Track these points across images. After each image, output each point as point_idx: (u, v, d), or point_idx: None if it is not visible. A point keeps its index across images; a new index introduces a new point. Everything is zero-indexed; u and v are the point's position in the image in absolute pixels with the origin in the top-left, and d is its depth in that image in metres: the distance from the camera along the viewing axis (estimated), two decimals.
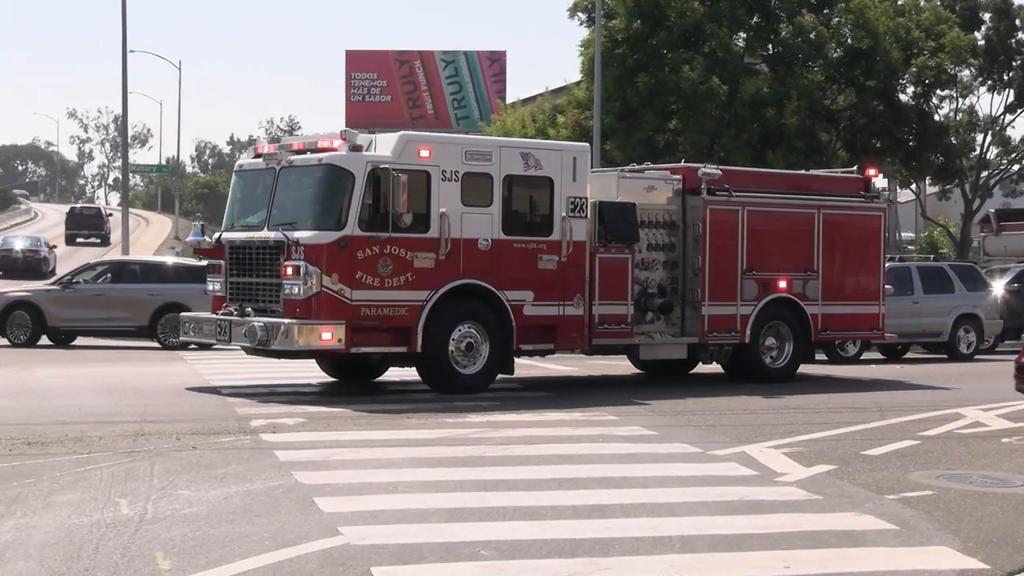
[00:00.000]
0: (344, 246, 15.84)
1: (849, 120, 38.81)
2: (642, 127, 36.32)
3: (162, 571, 7.71)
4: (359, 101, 53.96)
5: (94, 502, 9.82)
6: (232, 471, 11.37)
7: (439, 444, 13.57)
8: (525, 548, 8.35)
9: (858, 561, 8.27)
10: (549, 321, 17.56)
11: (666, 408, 17.39)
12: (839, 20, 38.10)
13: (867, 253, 21.20)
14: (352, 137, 16.15)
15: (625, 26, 36.49)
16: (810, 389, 20.49)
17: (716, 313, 19.26)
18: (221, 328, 16.80)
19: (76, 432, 13.57)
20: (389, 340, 16.43)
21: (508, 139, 18.38)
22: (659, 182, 19.58)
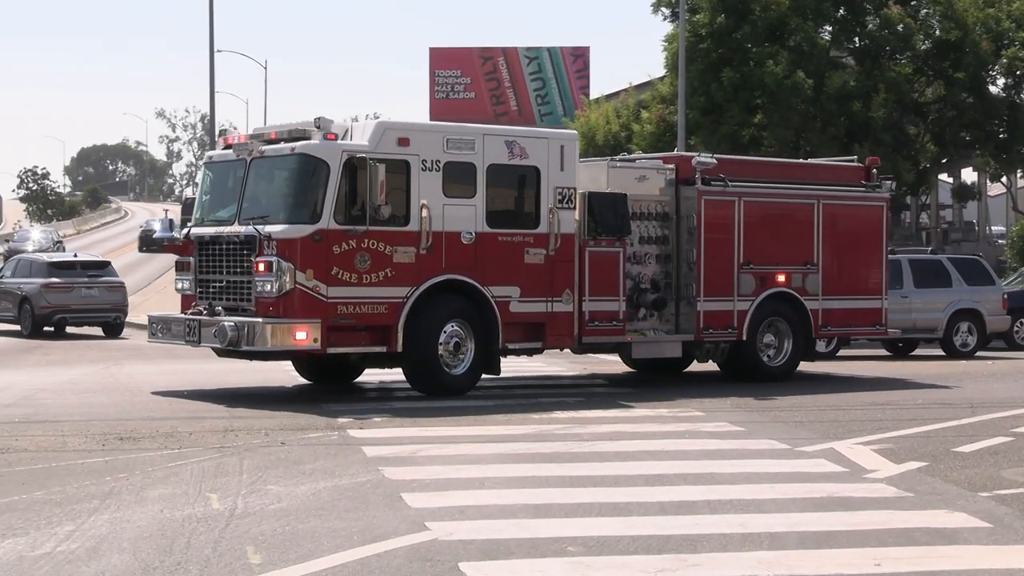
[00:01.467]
0: (319, 240, 15.13)
1: (937, 113, 37.42)
2: (727, 122, 35.70)
3: (253, 565, 7.74)
4: (443, 98, 53.52)
5: (185, 497, 9.95)
6: (320, 466, 11.46)
7: (525, 440, 13.47)
8: (612, 544, 8.27)
9: (950, 559, 8.05)
10: (537, 318, 16.87)
11: (753, 404, 17.15)
12: (927, 12, 37.12)
13: (869, 245, 20.49)
14: (327, 126, 15.47)
15: (709, 20, 35.83)
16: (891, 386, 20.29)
17: (712, 309, 18.56)
18: (190, 328, 16.01)
19: (167, 428, 13.72)
20: (368, 339, 15.74)
21: (491, 126, 17.00)
22: (651, 172, 18.77)
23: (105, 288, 31.93)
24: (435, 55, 56.94)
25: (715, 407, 16.46)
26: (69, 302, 32.36)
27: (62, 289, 32.35)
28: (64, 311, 32.17)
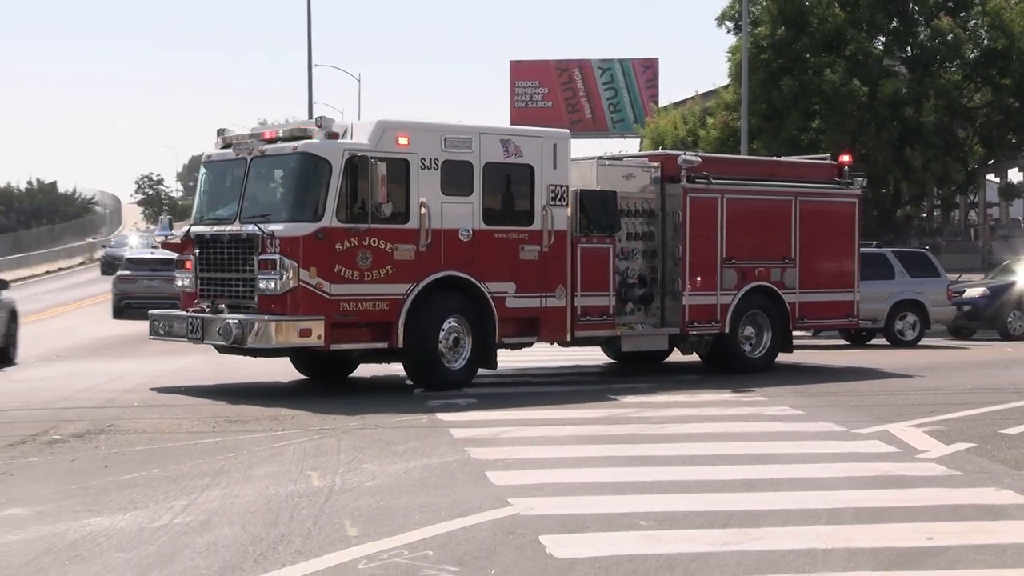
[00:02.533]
0: (322, 238, 14.84)
1: (985, 117, 38.50)
2: (786, 127, 36.63)
3: (350, 537, 8.05)
4: (522, 107, 55.07)
5: (288, 474, 10.36)
6: (411, 447, 11.78)
7: (600, 423, 13.77)
8: (680, 519, 8.57)
9: (999, 534, 8.27)
10: (531, 313, 16.67)
11: (811, 390, 17.47)
12: (975, 22, 38.06)
13: (842, 241, 20.54)
14: (328, 125, 15.27)
15: (770, 33, 37.30)
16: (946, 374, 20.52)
17: (697, 303, 18.49)
18: (192, 326, 15.63)
19: (271, 412, 14.18)
20: (369, 336, 15.48)
21: (487, 125, 16.96)
22: (637, 170, 18.66)
23: (164, 280, 32.82)
24: (515, 67, 58.37)
25: (776, 392, 16.79)
26: (133, 290, 35.99)
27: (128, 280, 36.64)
28: (128, 297, 35.57)
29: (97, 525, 8.37)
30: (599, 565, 7.22)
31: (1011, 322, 28.72)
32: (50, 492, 9.59)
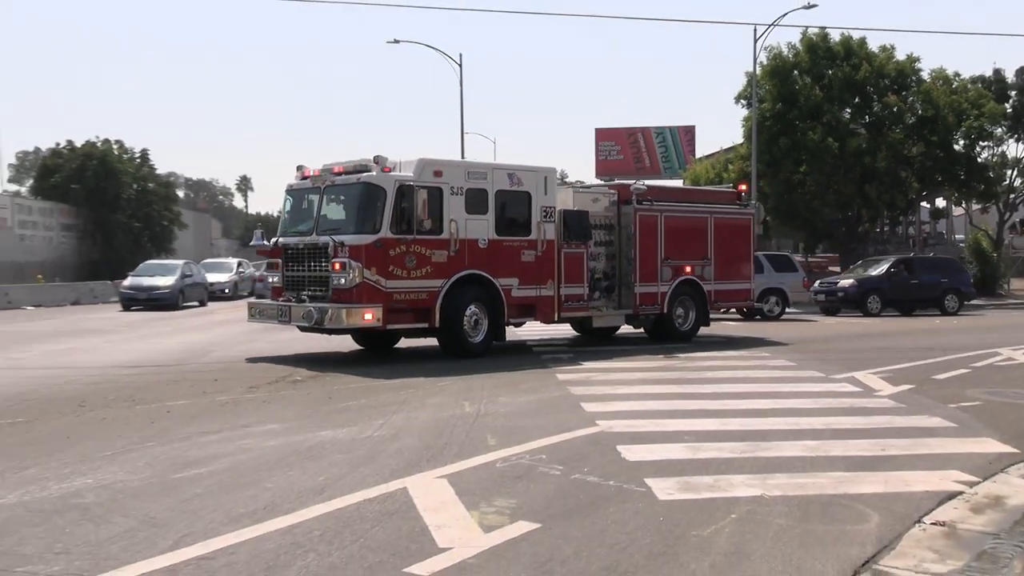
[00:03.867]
0: (379, 246, 15.10)
1: (920, 163, 43.73)
2: (783, 171, 41.88)
3: (490, 445, 8.97)
4: (603, 159, 62.54)
5: (449, 404, 11.39)
6: (531, 386, 12.90)
7: (657, 371, 15.05)
8: (712, 436, 9.38)
9: (931, 446, 9.08)
10: (530, 301, 17.25)
11: (803, 349, 18.78)
12: (912, 98, 43.76)
13: (742, 246, 21.58)
14: (383, 161, 15.65)
15: (771, 107, 42.58)
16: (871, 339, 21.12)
17: (644, 291, 19.38)
18: (281, 311, 16.10)
19: (431, 366, 15.48)
20: (414, 318, 15.74)
21: (498, 163, 17.97)
22: (600, 195, 19.52)
23: None
24: (599, 132, 64.04)
25: (778, 351, 18.22)
26: None
27: None
28: None
29: (324, 436, 9.64)
30: (656, 465, 8.12)
31: (870, 304, 31.79)
32: (293, 414, 11.10)
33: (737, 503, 6.83)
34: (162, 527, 6.24)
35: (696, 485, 7.31)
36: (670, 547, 5.84)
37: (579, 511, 6.62)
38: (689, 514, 6.53)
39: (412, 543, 5.87)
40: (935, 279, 32.60)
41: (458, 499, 6.85)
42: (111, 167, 60.69)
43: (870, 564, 5.58)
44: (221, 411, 10.98)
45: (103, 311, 34.27)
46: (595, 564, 5.53)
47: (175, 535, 6.05)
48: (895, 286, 32.06)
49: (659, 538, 6.02)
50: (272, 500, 6.89)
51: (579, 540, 5.96)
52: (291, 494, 7.05)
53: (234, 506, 6.74)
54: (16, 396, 12.24)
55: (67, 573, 5.38)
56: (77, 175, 60.11)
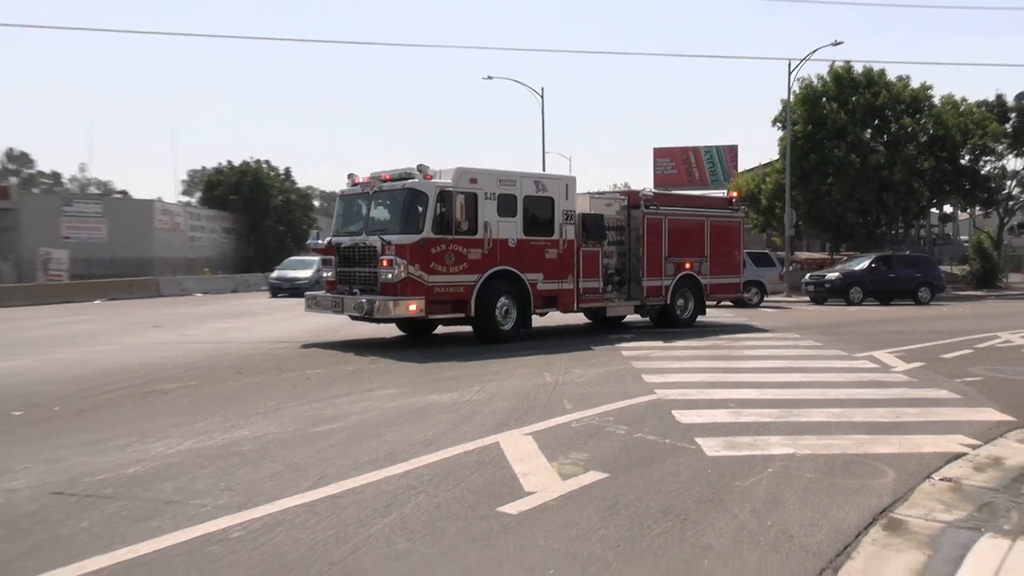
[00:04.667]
0: (422, 245, 14.21)
1: (931, 175, 42.13)
2: (812, 183, 40.90)
3: (567, 408, 9.00)
4: (660, 174, 62.15)
5: (533, 375, 11.44)
6: (600, 360, 12.90)
7: (706, 348, 14.94)
8: (751, 403, 9.33)
9: (940, 414, 8.93)
10: (552, 293, 16.29)
11: (828, 330, 18.28)
12: (925, 120, 42.08)
13: (732, 246, 20.69)
14: (425, 169, 14.68)
15: (802, 129, 41.38)
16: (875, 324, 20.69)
17: (651, 285, 18.48)
18: (335, 303, 15.16)
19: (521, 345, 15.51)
20: (452, 309, 14.83)
21: (526, 171, 16.30)
22: (613, 200, 18.55)
23: None
24: (657, 151, 64.64)
25: (807, 333, 17.67)
26: None
27: None
28: None
29: (432, 399, 9.80)
30: (705, 427, 8.10)
31: (852, 294, 30.80)
32: (407, 381, 11.51)
33: (773, 460, 6.72)
34: (303, 471, 6.37)
35: (738, 444, 7.22)
36: (716, 495, 5.79)
37: (640, 464, 6.58)
38: (732, 468, 6.47)
39: (503, 487, 5.92)
40: (910, 273, 31.42)
41: (540, 452, 6.86)
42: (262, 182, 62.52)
43: (887, 512, 5.47)
44: (349, 378, 11.14)
45: (255, 297, 34.82)
46: (654, 507, 5.51)
47: (313, 477, 6.17)
48: (875, 279, 30.94)
49: (707, 487, 5.97)
50: (390, 450, 6.98)
51: (640, 487, 5.94)
52: (405, 446, 7.14)
53: (360, 455, 6.85)
54: (189, 365, 12.58)
55: (229, 505, 5.53)
56: (235, 188, 61.98)
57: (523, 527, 5.14)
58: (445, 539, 4.96)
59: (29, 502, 5.64)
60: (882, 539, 5.01)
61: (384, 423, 8.10)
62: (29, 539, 4.96)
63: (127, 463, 6.63)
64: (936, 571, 4.57)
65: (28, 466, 6.56)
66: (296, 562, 4.60)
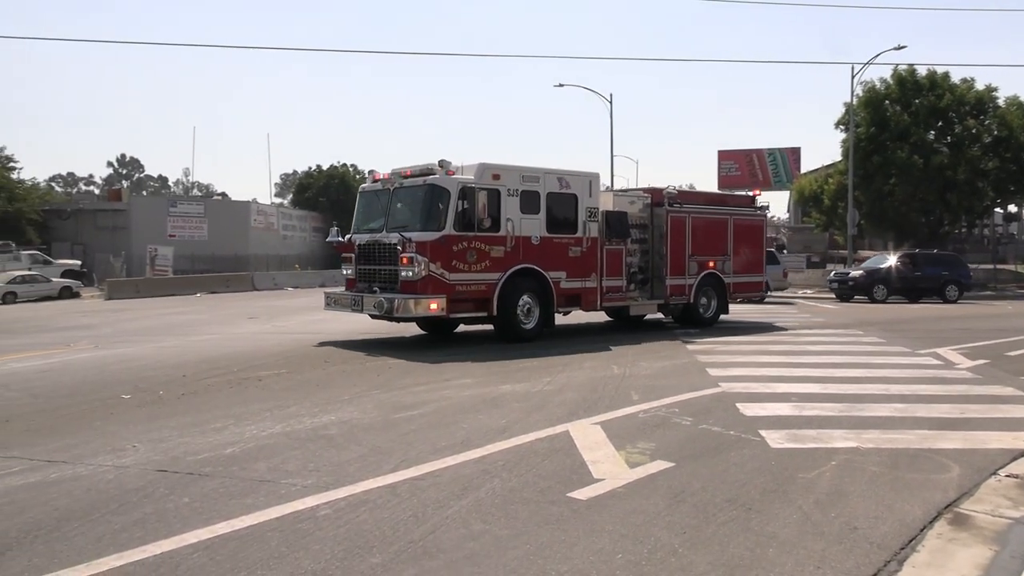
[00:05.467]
0: (444, 242, 13.33)
1: (995, 175, 39.78)
2: (875, 184, 39.34)
3: (634, 399, 8.96)
4: (724, 175, 61.43)
5: (602, 367, 11.37)
6: (666, 354, 12.82)
7: (768, 343, 14.54)
8: (814, 397, 9.13)
9: (1005, 411, 8.60)
10: (576, 292, 15.26)
11: (890, 327, 17.66)
12: (989, 121, 40.21)
13: (756, 244, 19.33)
14: (447, 165, 13.85)
15: (865, 131, 40.04)
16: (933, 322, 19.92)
17: (674, 283, 17.37)
18: (355, 301, 14.10)
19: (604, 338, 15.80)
20: (474, 307, 13.89)
21: (549, 167, 14.98)
22: (636, 198, 17.45)
23: None
24: (721, 154, 63.81)
25: (870, 329, 17.01)
26: None
27: None
28: None
29: (504, 389, 9.86)
30: (769, 420, 7.96)
31: (875, 291, 29.28)
32: (482, 372, 11.35)
33: (836, 453, 6.55)
34: (385, 454, 6.44)
35: (802, 437, 7.05)
36: (780, 486, 5.67)
37: (705, 454, 6.48)
38: (796, 460, 6.32)
39: (573, 474, 5.89)
40: (937, 271, 29.72)
41: (608, 441, 6.81)
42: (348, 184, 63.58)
43: (952, 507, 5.27)
44: (428, 368, 11.23)
45: None
46: (719, 496, 5.42)
47: (395, 460, 6.24)
48: (900, 277, 29.34)
49: (771, 478, 5.85)
50: (467, 436, 7.00)
51: (706, 477, 5.85)
52: (481, 432, 7.16)
53: (438, 440, 6.89)
54: (280, 354, 12.85)
55: (317, 485, 5.61)
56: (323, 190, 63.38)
57: (592, 512, 5.10)
58: (518, 522, 4.95)
59: (137, 478, 5.83)
60: (947, 533, 4.82)
61: (460, 411, 8.14)
62: (137, 512, 5.12)
63: (224, 444, 6.78)
64: (1003, 566, 4.39)
65: (136, 445, 6.78)
66: (378, 540, 4.64)
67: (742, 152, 65.06)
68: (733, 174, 63.93)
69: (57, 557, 4.40)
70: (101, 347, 14.32)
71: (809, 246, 46.42)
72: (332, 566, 4.28)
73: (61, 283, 36.61)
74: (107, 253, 46.63)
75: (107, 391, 9.40)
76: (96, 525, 4.88)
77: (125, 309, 25.54)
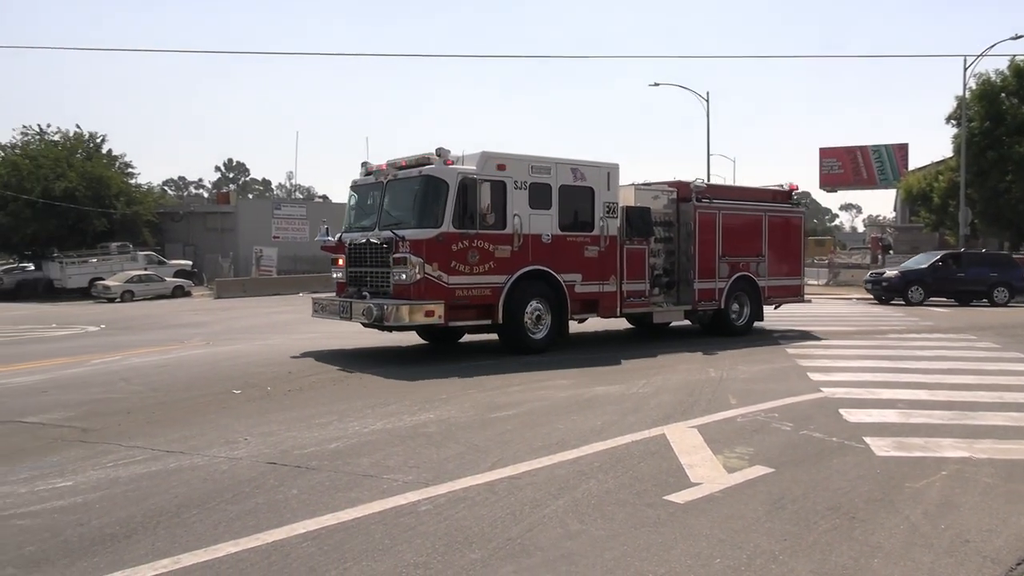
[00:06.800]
0: (441, 241, 11.93)
1: None
2: (990, 181, 37.16)
3: (731, 404, 8.83)
4: (826, 173, 58.41)
5: (698, 370, 11.22)
6: (764, 358, 12.58)
7: (873, 348, 13.97)
8: (923, 404, 8.81)
9: None
10: (593, 297, 13.81)
11: (1005, 331, 16.56)
12: None
13: (794, 243, 17.64)
14: (445, 154, 12.47)
15: (979, 125, 37.98)
16: None
17: (703, 288, 15.75)
18: (343, 308, 12.73)
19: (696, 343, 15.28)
20: (476, 315, 12.50)
21: (561, 157, 13.45)
22: (660, 192, 15.73)
23: None
24: (823, 152, 62.67)
25: (983, 334, 15.94)
26: None
27: None
28: None
29: (599, 391, 9.79)
30: (874, 427, 7.73)
31: (911, 294, 27.22)
32: (576, 373, 11.22)
33: (946, 462, 6.31)
34: (483, 452, 6.55)
35: (909, 445, 6.82)
36: (886, 495, 5.52)
37: (806, 461, 6.35)
38: (903, 469, 6.13)
39: (670, 477, 5.87)
40: (984, 273, 27.54)
41: (706, 445, 6.75)
42: None
43: None
44: (522, 368, 11.33)
45: None
46: (820, 504, 5.31)
47: (492, 459, 6.34)
48: (939, 278, 27.33)
49: (876, 487, 5.69)
50: (562, 437, 7.06)
51: (806, 484, 5.75)
52: (576, 433, 7.20)
53: (534, 440, 6.97)
54: (379, 352, 13.27)
55: (418, 481, 5.75)
56: None
57: (689, 516, 5.08)
58: (614, 523, 4.96)
59: (249, 469, 6.10)
60: None
61: (555, 411, 8.19)
62: (250, 501, 5.37)
63: (329, 439, 7.02)
64: None
65: (247, 438, 7.10)
66: (477, 536, 4.73)
67: (844, 149, 62.80)
68: (835, 172, 61.86)
69: (178, 541, 4.66)
70: (212, 344, 14.92)
71: (917, 247, 44.41)
72: (433, 559, 4.39)
73: (174, 282, 38.73)
74: (216, 254, 48.98)
75: (219, 386, 9.82)
76: (212, 513, 5.14)
77: (233, 308, 26.64)
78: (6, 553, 4.52)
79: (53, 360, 12.82)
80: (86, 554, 4.48)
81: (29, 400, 9.16)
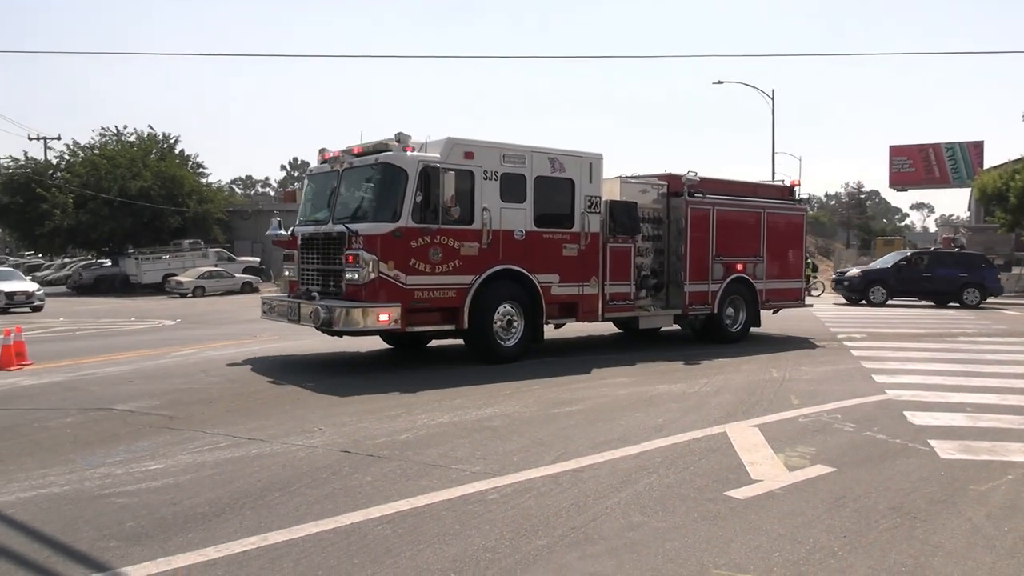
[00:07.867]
0: (399, 236, 10.72)
1: None
2: None
3: (794, 404, 8.87)
4: (896, 171, 56.90)
5: (760, 371, 11.27)
6: (828, 359, 12.56)
7: (941, 351, 13.77)
8: (991, 408, 8.72)
9: None
10: (571, 299, 12.68)
11: None
12: None
13: (794, 243, 16.51)
14: (405, 140, 11.30)
15: None
16: None
17: (694, 290, 14.64)
18: (291, 309, 11.59)
19: None
20: (439, 319, 11.31)
21: (538, 145, 12.25)
22: (649, 186, 14.55)
23: None
24: (893, 149, 60.84)
25: None
26: None
27: None
28: None
29: (661, 389, 9.91)
30: (939, 430, 7.71)
31: (872, 294, 27.04)
32: (637, 371, 11.43)
33: (1013, 466, 6.29)
34: (546, 446, 6.75)
35: (975, 448, 6.80)
36: (949, 497, 5.54)
37: (868, 461, 6.38)
38: (968, 472, 6.12)
39: (730, 474, 5.98)
40: (953, 274, 26.96)
41: (767, 443, 6.83)
42: None
43: None
44: (583, 366, 11.54)
45: None
46: (882, 504, 5.37)
47: (555, 453, 6.53)
48: (903, 278, 26.80)
49: (939, 488, 5.71)
50: (624, 433, 7.22)
51: (868, 484, 5.80)
52: (638, 429, 7.35)
53: (596, 435, 7.14)
54: (447, 347, 13.48)
55: (484, 472, 5.98)
56: None
57: (749, 511, 5.19)
58: (675, 516, 5.10)
59: (324, 457, 6.41)
60: None
61: (617, 408, 8.34)
62: (327, 487, 5.66)
63: (399, 431, 7.32)
64: None
65: (322, 428, 7.43)
66: (542, 524, 4.93)
67: (916, 147, 61.02)
68: (906, 170, 60.23)
69: (263, 522, 4.96)
70: (283, 339, 15.44)
71: (992, 248, 43.14)
72: (501, 545, 4.60)
73: (243, 279, 39.98)
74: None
75: (291, 379, 10.22)
76: (293, 496, 5.44)
77: None
78: (109, 528, 4.86)
79: (137, 352, 13.44)
80: (181, 530, 4.80)
81: (119, 389, 9.66)
